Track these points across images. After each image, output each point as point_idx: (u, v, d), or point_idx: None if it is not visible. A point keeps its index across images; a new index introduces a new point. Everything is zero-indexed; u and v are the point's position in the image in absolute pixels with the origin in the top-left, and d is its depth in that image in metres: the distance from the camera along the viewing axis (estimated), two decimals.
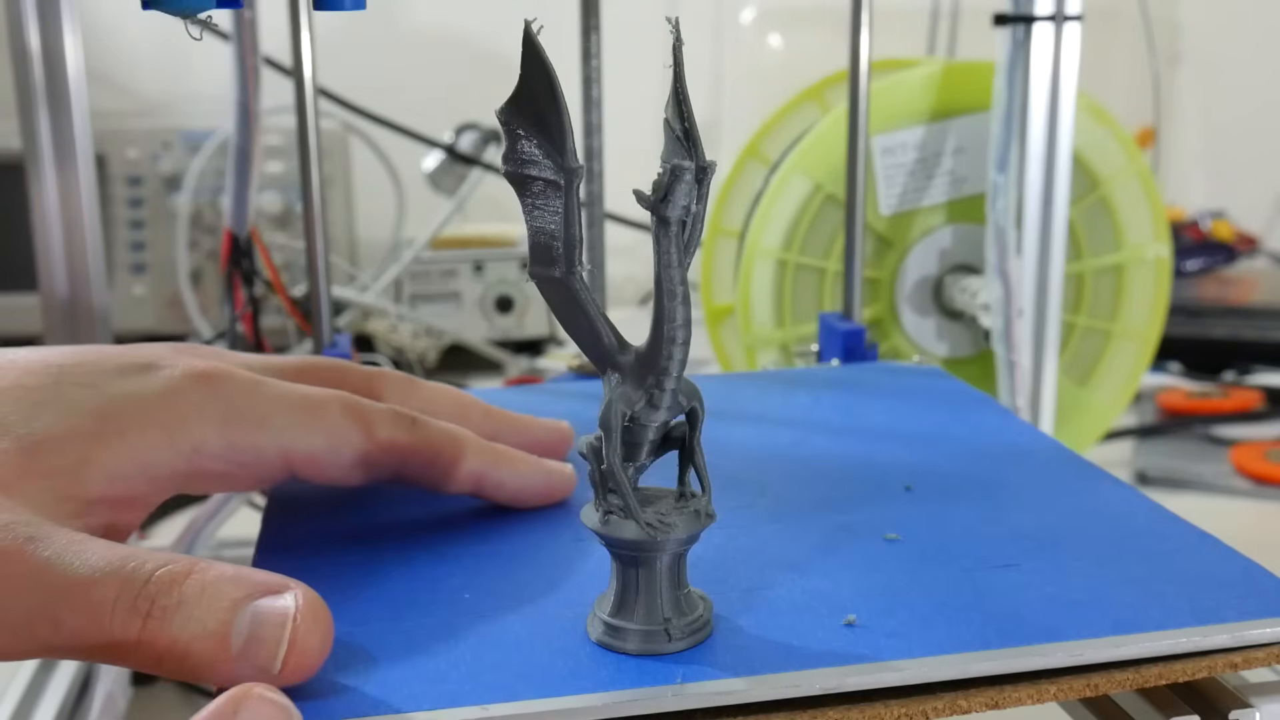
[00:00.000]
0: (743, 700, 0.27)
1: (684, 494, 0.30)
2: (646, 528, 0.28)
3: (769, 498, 0.39)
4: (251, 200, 0.65)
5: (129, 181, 1.05)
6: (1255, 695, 0.30)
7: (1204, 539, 0.35)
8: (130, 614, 0.26)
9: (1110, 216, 0.74)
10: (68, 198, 0.61)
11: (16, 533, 0.27)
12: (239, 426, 0.33)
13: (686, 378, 0.29)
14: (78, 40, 0.60)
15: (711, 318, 0.83)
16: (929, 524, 0.36)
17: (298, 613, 0.27)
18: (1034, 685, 0.28)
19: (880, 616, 0.30)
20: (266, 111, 0.65)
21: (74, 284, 0.61)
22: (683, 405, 0.29)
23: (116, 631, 0.26)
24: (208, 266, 1.04)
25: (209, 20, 0.35)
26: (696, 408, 0.29)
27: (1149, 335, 0.76)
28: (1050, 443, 0.44)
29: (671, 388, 0.28)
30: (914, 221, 0.73)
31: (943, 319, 0.74)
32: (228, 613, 0.26)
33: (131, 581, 0.27)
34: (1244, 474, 0.78)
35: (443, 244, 1.09)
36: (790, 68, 1.22)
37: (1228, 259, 1.21)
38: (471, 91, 1.33)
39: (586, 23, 0.63)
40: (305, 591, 0.27)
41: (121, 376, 0.32)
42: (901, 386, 0.51)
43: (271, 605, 0.27)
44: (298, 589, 0.27)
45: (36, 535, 0.28)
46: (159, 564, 0.27)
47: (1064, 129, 0.67)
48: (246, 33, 0.62)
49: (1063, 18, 0.66)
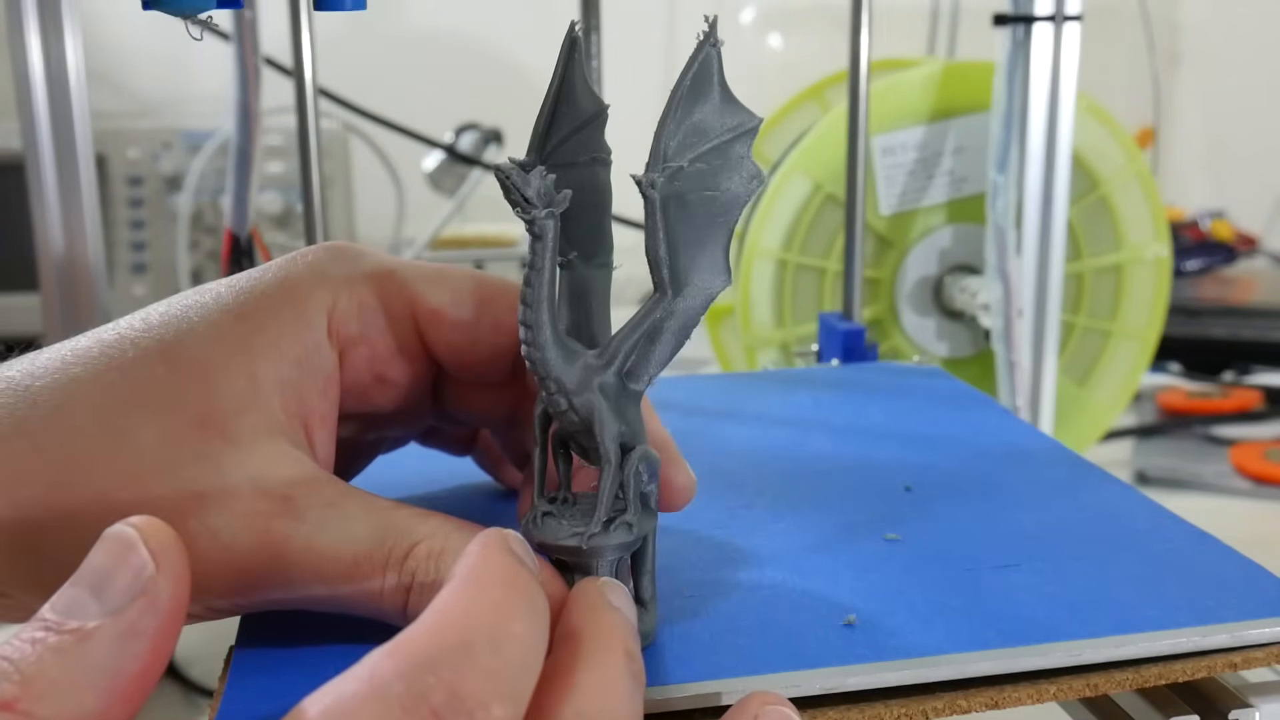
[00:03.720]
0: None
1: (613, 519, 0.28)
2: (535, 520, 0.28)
3: (769, 498, 0.39)
4: (252, 200, 0.65)
5: (129, 181, 1.05)
6: (1255, 695, 0.30)
7: (1204, 539, 0.35)
8: (396, 592, 0.27)
9: (1110, 216, 0.74)
10: (68, 198, 0.61)
11: (263, 520, 0.27)
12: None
13: (650, 455, 0.29)
14: (78, 40, 0.60)
15: (711, 318, 0.83)
16: (929, 524, 0.36)
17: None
18: (1034, 685, 0.28)
19: (880, 616, 0.30)
20: (266, 111, 0.65)
21: (74, 284, 0.61)
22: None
23: (386, 606, 0.27)
24: (208, 266, 1.04)
25: (209, 20, 0.35)
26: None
27: (1149, 335, 0.76)
28: (1050, 443, 0.44)
29: (546, 389, 0.28)
30: (914, 221, 0.73)
31: (943, 319, 0.74)
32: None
33: (394, 559, 0.27)
34: (1244, 474, 0.78)
35: (443, 244, 1.09)
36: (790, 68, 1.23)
37: (1227, 259, 1.21)
38: (471, 91, 1.34)
39: (586, 23, 0.63)
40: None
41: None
42: (901, 386, 0.51)
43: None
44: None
45: (285, 509, 0.27)
46: (416, 539, 0.27)
47: (1064, 129, 0.67)
48: (246, 33, 0.62)
49: (1063, 18, 0.66)
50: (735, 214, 0.28)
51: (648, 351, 0.28)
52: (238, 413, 0.28)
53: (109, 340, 0.29)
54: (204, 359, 0.29)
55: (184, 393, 0.28)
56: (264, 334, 0.29)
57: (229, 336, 0.29)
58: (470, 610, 0.21)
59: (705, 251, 0.28)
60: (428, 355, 0.33)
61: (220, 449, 0.28)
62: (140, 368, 0.28)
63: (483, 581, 0.22)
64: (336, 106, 1.00)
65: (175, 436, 0.27)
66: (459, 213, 1.09)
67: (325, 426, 0.31)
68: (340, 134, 1.09)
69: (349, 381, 0.32)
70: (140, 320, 0.30)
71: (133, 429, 0.27)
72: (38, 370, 0.29)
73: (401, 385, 0.33)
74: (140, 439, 0.27)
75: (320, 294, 0.31)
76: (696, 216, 0.28)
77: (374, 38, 1.25)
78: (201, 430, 0.28)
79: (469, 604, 0.21)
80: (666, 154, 0.27)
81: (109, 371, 0.28)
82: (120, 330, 0.29)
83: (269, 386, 0.29)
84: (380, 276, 0.32)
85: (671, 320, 0.28)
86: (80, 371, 0.28)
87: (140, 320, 0.30)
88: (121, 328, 0.30)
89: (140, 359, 0.28)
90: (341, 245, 0.33)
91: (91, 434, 0.27)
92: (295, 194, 1.05)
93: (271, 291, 0.30)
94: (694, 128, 0.28)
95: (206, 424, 0.28)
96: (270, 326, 0.30)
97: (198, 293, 0.31)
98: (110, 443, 0.27)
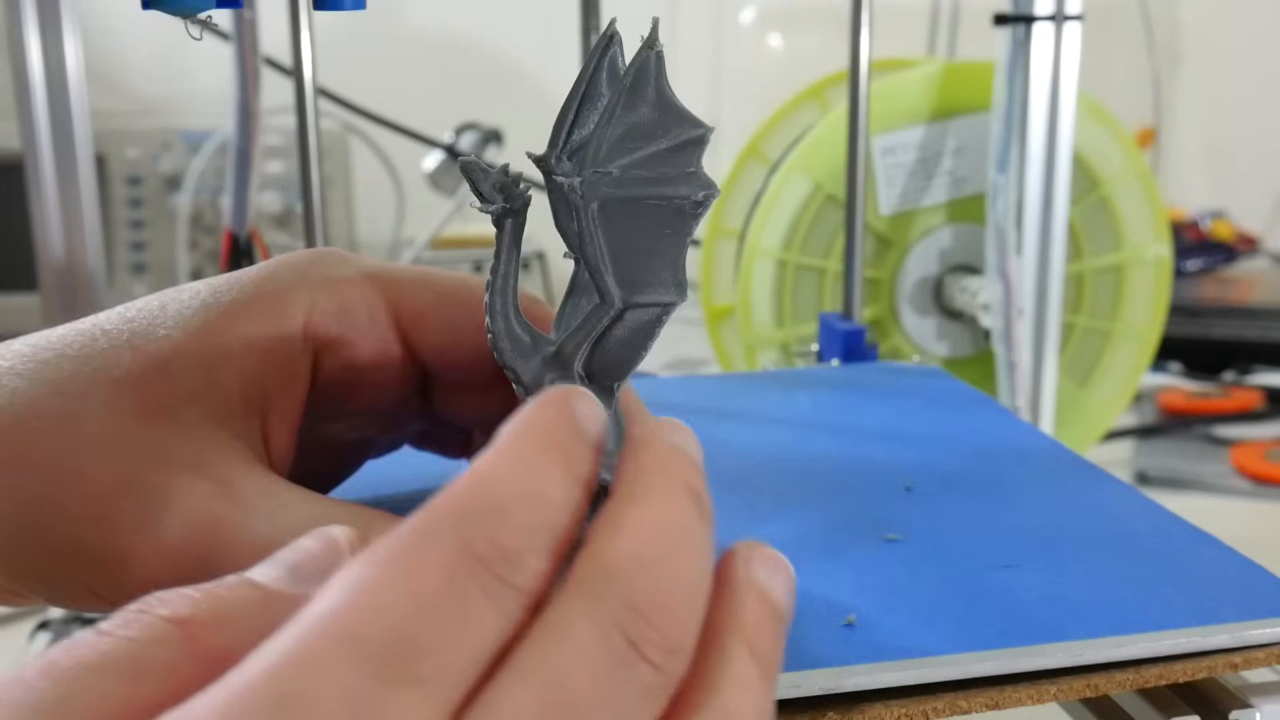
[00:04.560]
0: None
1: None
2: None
3: (769, 498, 0.39)
4: (251, 200, 0.65)
5: (129, 181, 1.05)
6: (1255, 695, 0.30)
7: (1204, 539, 0.35)
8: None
9: (1110, 216, 0.74)
10: (67, 198, 0.61)
11: (201, 502, 0.27)
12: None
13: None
14: (77, 40, 0.60)
15: (711, 318, 0.83)
16: (929, 524, 0.36)
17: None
18: (1034, 685, 0.28)
19: (880, 616, 0.30)
20: (266, 111, 0.65)
21: (73, 284, 0.61)
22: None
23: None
24: (208, 266, 1.04)
25: (209, 20, 0.35)
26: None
27: (1149, 335, 0.76)
28: (1050, 443, 0.44)
29: (509, 378, 0.28)
30: (914, 221, 0.73)
31: (943, 319, 0.74)
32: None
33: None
34: (1244, 474, 0.78)
35: (443, 244, 1.09)
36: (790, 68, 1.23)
37: (1228, 259, 1.21)
38: (471, 91, 1.34)
39: (586, 23, 0.63)
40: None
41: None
42: (901, 386, 0.51)
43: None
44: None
45: (223, 493, 0.27)
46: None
47: (1064, 129, 0.67)
48: (246, 33, 0.62)
49: (1063, 18, 0.66)
50: (687, 226, 0.28)
51: (604, 358, 0.28)
52: (189, 400, 0.29)
53: (83, 329, 0.30)
54: (167, 348, 0.29)
55: (141, 378, 0.29)
56: (234, 328, 0.30)
57: (197, 328, 0.30)
58: (505, 472, 0.20)
59: (654, 262, 0.28)
60: (412, 357, 0.33)
61: (166, 433, 0.28)
62: (106, 354, 0.29)
63: (522, 441, 0.21)
64: (336, 106, 1.00)
65: (123, 418, 0.28)
66: (459, 213, 1.09)
67: (286, 423, 0.31)
68: (340, 134, 1.09)
69: (327, 381, 0.32)
70: (118, 313, 0.30)
71: (84, 409, 0.28)
72: (10, 354, 0.29)
73: (385, 387, 0.33)
74: (89, 417, 0.28)
75: (299, 294, 0.31)
76: (644, 225, 0.27)
77: (374, 38, 1.25)
78: (151, 414, 0.28)
79: (504, 465, 0.21)
80: (598, 156, 0.27)
81: (76, 357, 0.29)
82: (97, 320, 0.30)
83: (227, 377, 0.29)
84: (363, 279, 0.32)
85: (620, 329, 0.28)
86: (50, 356, 0.29)
87: (118, 313, 0.30)
88: (99, 319, 0.30)
89: (109, 347, 0.29)
90: (327, 250, 0.33)
91: (45, 412, 0.28)
92: (295, 194, 1.05)
93: (249, 289, 0.31)
94: (630, 133, 0.27)
95: (156, 408, 0.28)
96: (241, 321, 0.30)
97: (179, 290, 0.31)
98: (60, 420, 0.28)
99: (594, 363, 0.28)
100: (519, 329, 0.28)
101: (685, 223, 0.28)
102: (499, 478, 0.20)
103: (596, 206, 0.27)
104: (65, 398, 0.28)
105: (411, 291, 0.32)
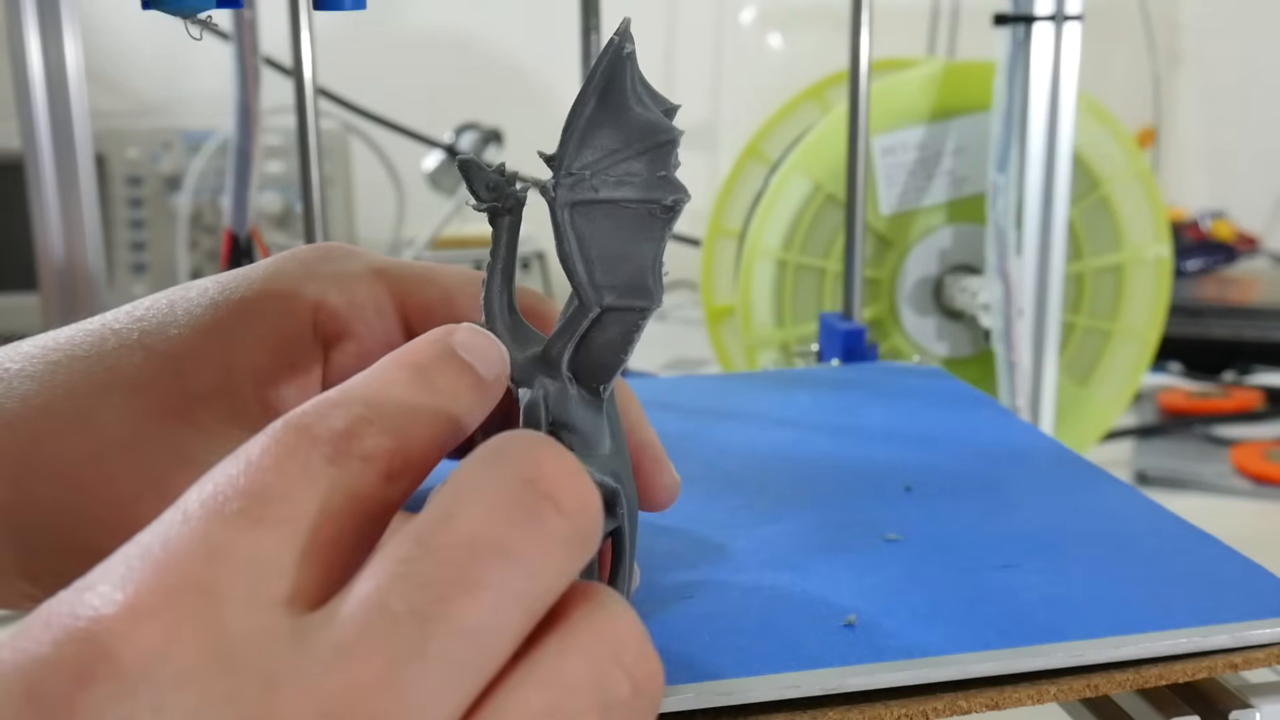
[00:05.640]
0: (743, 700, 0.27)
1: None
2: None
3: (769, 498, 0.39)
4: (251, 200, 0.65)
5: (129, 181, 1.05)
6: (1255, 695, 0.30)
7: (1204, 539, 0.35)
8: None
9: (1110, 216, 0.74)
10: (67, 197, 0.61)
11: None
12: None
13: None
14: (77, 40, 0.60)
15: (711, 318, 0.83)
16: (929, 524, 0.36)
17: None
18: (1034, 686, 0.28)
19: (880, 616, 0.30)
20: (266, 111, 0.65)
21: (74, 284, 0.61)
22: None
23: None
24: (208, 266, 1.04)
25: (209, 20, 0.35)
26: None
27: (1149, 335, 0.76)
28: (1050, 443, 0.44)
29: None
30: (914, 221, 0.73)
31: (943, 319, 0.74)
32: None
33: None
34: (1244, 474, 0.78)
35: (443, 244, 1.09)
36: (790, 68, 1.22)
37: (1228, 259, 1.21)
38: (471, 91, 1.34)
39: (586, 23, 0.63)
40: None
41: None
42: (901, 386, 0.51)
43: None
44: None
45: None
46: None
47: (1064, 129, 0.67)
48: (246, 33, 0.62)
49: (1063, 18, 0.66)
50: (660, 231, 0.27)
51: (587, 360, 0.28)
52: (206, 399, 0.28)
53: (91, 329, 0.30)
54: (179, 347, 0.29)
55: (155, 378, 0.28)
56: (244, 325, 0.30)
57: (208, 326, 0.29)
58: (356, 380, 0.23)
59: (630, 266, 0.28)
60: None
61: (185, 434, 0.28)
62: (117, 354, 0.29)
63: (391, 361, 0.23)
64: (336, 106, 1.01)
65: (140, 419, 0.28)
66: (459, 213, 1.09)
67: None
68: (340, 134, 1.09)
69: (336, 377, 0.32)
70: (126, 312, 0.30)
71: (99, 410, 0.28)
72: (18, 356, 0.29)
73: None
74: (105, 419, 0.28)
75: (308, 289, 0.31)
76: (618, 229, 0.27)
77: (374, 38, 1.25)
78: (168, 414, 0.28)
79: (359, 377, 0.23)
80: (572, 159, 0.27)
81: (87, 357, 0.29)
82: (105, 320, 0.30)
83: (242, 376, 0.29)
84: (370, 274, 0.32)
85: (599, 331, 0.28)
86: (59, 357, 0.29)
87: (126, 312, 0.30)
88: (107, 318, 0.30)
89: (119, 346, 0.29)
90: (333, 245, 0.33)
91: (60, 414, 0.28)
92: (295, 194, 1.05)
93: (257, 285, 0.31)
94: (603, 136, 0.27)
95: (174, 409, 0.28)
96: (251, 318, 0.30)
97: (185, 287, 0.31)
98: (76, 422, 0.28)
99: (578, 364, 0.28)
100: (512, 327, 0.28)
101: (658, 227, 0.28)
102: (348, 384, 0.22)
103: (569, 209, 0.27)
104: (78, 399, 0.28)
105: (418, 287, 0.32)
